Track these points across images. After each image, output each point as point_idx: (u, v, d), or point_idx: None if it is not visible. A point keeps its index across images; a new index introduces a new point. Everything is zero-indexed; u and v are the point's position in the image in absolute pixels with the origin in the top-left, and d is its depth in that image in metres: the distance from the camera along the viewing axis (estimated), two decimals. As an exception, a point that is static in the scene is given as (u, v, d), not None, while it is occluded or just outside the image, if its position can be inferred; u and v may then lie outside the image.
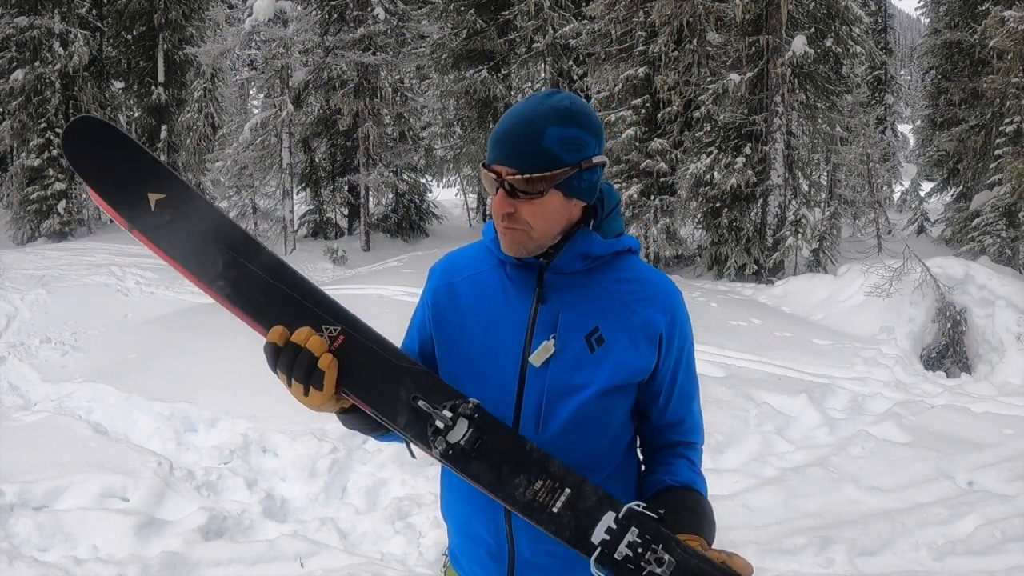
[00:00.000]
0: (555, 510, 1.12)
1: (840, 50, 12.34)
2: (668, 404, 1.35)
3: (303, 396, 1.13)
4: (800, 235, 11.41)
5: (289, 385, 1.13)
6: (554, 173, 1.16)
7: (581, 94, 16.06)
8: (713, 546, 1.20)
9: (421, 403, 1.13)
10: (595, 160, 1.21)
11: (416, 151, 17.44)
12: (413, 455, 1.29)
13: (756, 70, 11.78)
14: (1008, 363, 6.87)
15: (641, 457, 1.44)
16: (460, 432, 1.11)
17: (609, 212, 1.31)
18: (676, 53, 12.66)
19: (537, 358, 1.24)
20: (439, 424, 1.11)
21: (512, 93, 18.21)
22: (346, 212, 19.22)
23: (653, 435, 1.39)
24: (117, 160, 1.26)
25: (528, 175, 1.16)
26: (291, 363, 1.11)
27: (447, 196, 23.27)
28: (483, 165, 1.22)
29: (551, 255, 1.26)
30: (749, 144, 11.81)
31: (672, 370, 1.32)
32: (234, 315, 1.22)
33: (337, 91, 15.95)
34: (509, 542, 1.30)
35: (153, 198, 1.24)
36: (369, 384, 1.15)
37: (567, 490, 1.12)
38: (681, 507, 1.25)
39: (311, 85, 16.78)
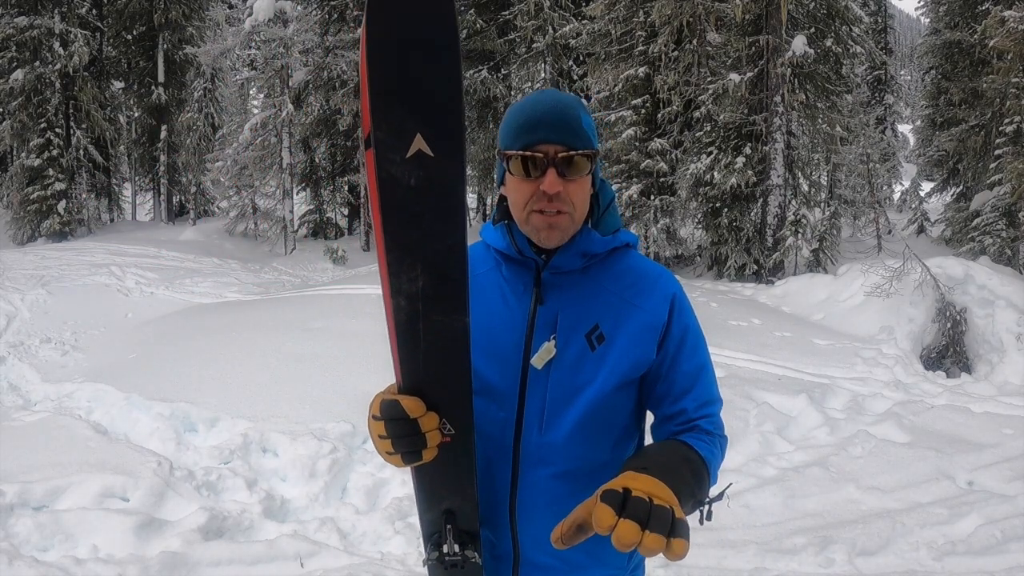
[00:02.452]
0: None
1: (840, 50, 12.34)
2: (669, 393, 1.31)
3: (387, 454, 1.14)
4: (800, 235, 11.41)
5: (381, 437, 1.13)
6: (594, 153, 1.20)
7: (581, 94, 16.08)
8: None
9: (449, 526, 1.23)
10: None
11: (416, 151, 17.44)
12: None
13: (756, 70, 11.78)
14: (1008, 363, 6.87)
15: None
16: (450, 560, 1.25)
17: (606, 208, 1.31)
18: (676, 53, 12.67)
19: (539, 360, 1.24)
20: (444, 548, 1.23)
21: (512, 93, 18.21)
22: (346, 212, 19.23)
23: (660, 424, 1.36)
24: (422, 63, 0.90)
25: (583, 150, 1.18)
26: (402, 435, 1.10)
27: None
28: (516, 150, 1.19)
29: (549, 254, 1.26)
30: (749, 144, 11.81)
31: (672, 358, 1.29)
32: (389, 339, 1.10)
33: (337, 91, 15.96)
34: (514, 543, 1.30)
35: (418, 143, 0.93)
36: (432, 476, 1.22)
37: None
38: (643, 451, 1.21)
39: (311, 85, 16.78)
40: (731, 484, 1.28)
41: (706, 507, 1.16)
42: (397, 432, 1.10)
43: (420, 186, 0.95)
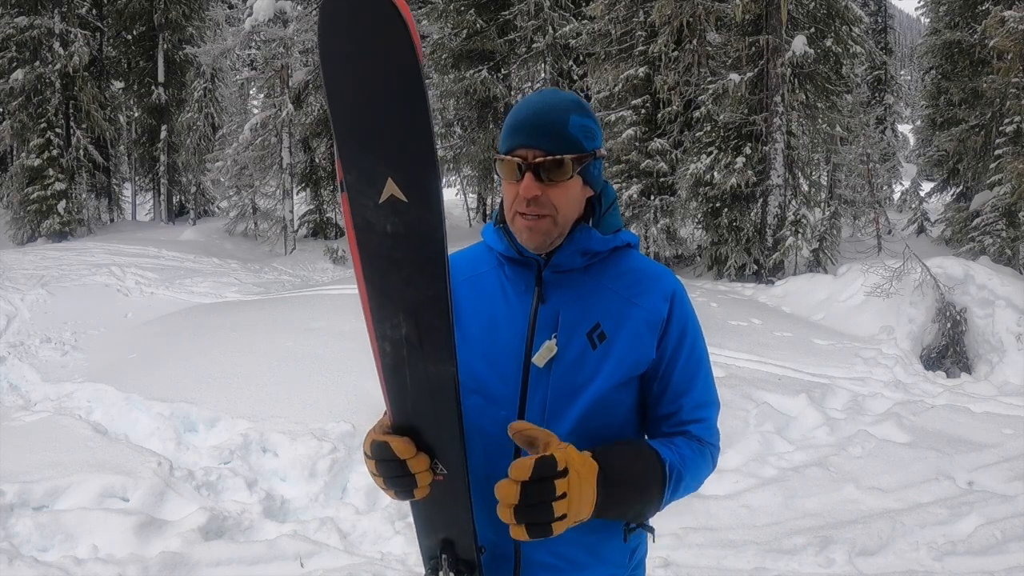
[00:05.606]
0: None
1: (840, 50, 12.34)
2: (664, 392, 1.30)
3: (383, 488, 1.19)
4: (800, 235, 11.41)
5: (373, 474, 1.18)
6: (579, 156, 1.20)
7: (581, 94, 16.07)
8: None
9: (444, 556, 1.26)
10: (602, 151, 1.27)
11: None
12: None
13: (756, 70, 11.78)
14: (1008, 363, 6.86)
15: None
16: None
17: (607, 208, 1.32)
18: (676, 53, 12.66)
19: (540, 358, 1.24)
20: (440, 574, 1.27)
21: (512, 93, 18.21)
22: (346, 212, 19.19)
23: (653, 426, 1.36)
24: (385, 97, 0.85)
25: (560, 155, 1.18)
26: (393, 475, 1.14)
27: (447, 196, 23.20)
28: (502, 153, 1.22)
29: (550, 253, 1.26)
30: (749, 144, 11.81)
31: (670, 356, 1.29)
32: (379, 380, 1.11)
33: (337, 91, 15.93)
34: (515, 543, 1.30)
35: (391, 188, 0.90)
36: (428, 510, 1.25)
37: None
38: (620, 454, 1.21)
39: (311, 85, 16.76)
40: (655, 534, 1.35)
41: (634, 527, 1.27)
42: (387, 472, 1.14)
43: (397, 232, 0.93)
